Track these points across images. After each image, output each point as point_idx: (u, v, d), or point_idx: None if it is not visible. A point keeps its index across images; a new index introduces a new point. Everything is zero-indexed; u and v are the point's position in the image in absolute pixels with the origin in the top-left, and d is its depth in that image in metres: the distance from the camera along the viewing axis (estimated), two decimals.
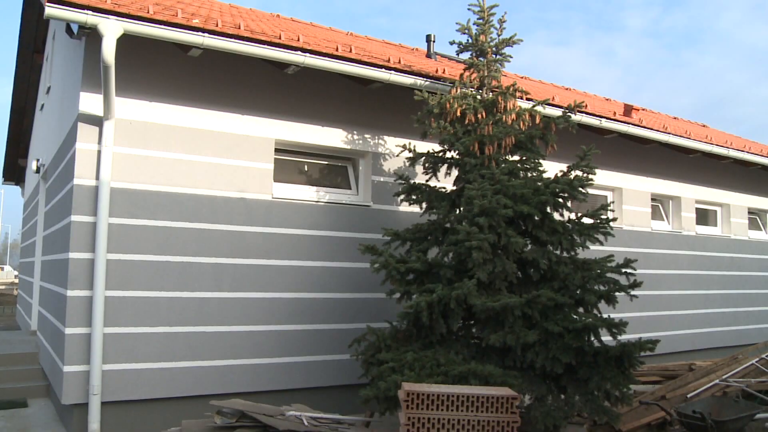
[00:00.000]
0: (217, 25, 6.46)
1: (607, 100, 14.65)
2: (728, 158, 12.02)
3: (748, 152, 12.28)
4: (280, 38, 6.79)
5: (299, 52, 6.83)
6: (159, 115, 6.82)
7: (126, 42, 6.15)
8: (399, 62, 7.69)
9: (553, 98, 8.58)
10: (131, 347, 6.51)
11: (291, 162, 7.86)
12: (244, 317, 7.12)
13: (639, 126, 10.07)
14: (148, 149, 6.73)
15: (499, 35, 7.29)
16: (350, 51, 7.35)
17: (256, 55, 6.66)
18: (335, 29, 11.98)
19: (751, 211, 14.23)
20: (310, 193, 7.77)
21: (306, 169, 7.99)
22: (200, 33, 6.29)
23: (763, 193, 14.28)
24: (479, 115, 6.91)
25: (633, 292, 6.39)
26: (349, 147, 7.96)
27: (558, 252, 6.60)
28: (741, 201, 13.70)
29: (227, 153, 7.14)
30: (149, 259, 6.66)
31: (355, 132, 8.00)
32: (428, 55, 11.28)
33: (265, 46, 6.65)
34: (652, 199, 11.83)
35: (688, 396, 8.21)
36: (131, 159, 6.63)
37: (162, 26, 6.12)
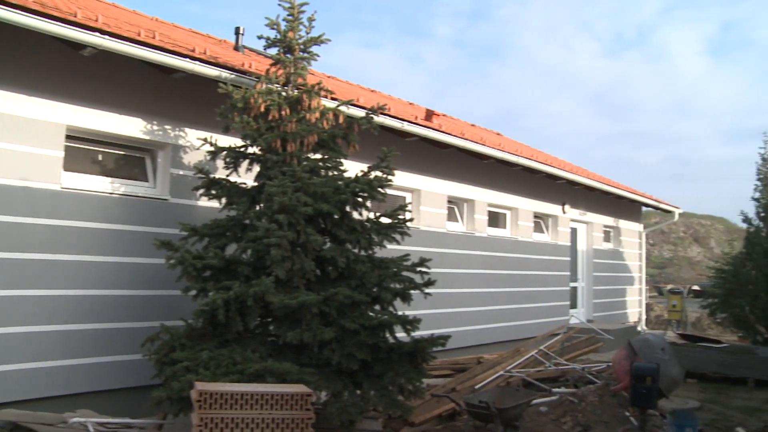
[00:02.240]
0: None
1: (411, 104, 15.15)
2: (518, 165, 12.89)
3: (535, 161, 13.25)
4: (76, 16, 6.31)
5: (97, 34, 6.38)
6: None
7: None
8: (205, 53, 7.46)
9: (358, 99, 8.72)
10: None
11: (84, 150, 7.36)
12: (23, 317, 6.54)
13: (438, 131, 10.51)
14: None
15: (307, 33, 7.30)
16: (154, 37, 7.02)
17: (47, 32, 6.12)
18: (140, 13, 11.39)
19: (536, 215, 15.35)
20: (104, 185, 7.32)
21: (100, 158, 7.53)
22: None
23: (547, 199, 15.46)
24: (283, 112, 6.88)
25: (427, 290, 6.64)
26: (148, 137, 7.60)
27: (356, 250, 6.73)
28: (528, 206, 14.74)
29: (9, 137, 6.53)
30: None
31: (155, 122, 7.65)
32: (236, 48, 11.07)
33: (59, 23, 6.13)
34: (449, 201, 12.38)
35: (476, 387, 8.70)
36: None
37: None
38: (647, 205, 20.61)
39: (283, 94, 7.12)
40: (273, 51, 7.44)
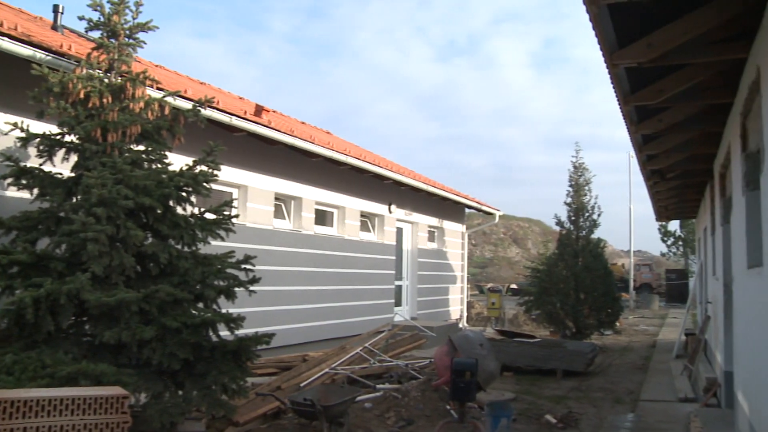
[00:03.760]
0: None
1: (241, 98, 14.92)
2: (346, 164, 13.05)
3: (363, 160, 13.48)
4: None
5: None
6: None
7: None
8: (15, 29, 6.90)
9: (186, 91, 8.47)
10: None
11: None
12: None
13: (267, 127, 10.42)
14: None
15: (134, 18, 6.99)
16: None
17: None
18: None
19: (363, 214, 15.60)
20: None
21: None
22: None
23: (374, 198, 15.77)
24: (105, 100, 6.55)
25: (252, 288, 6.57)
26: None
27: (179, 246, 6.54)
28: (355, 205, 14.95)
29: None
30: None
31: None
32: (54, 27, 10.34)
33: None
34: (276, 198, 12.31)
35: (302, 385, 8.71)
36: None
37: None
38: (470, 207, 21.58)
39: (106, 80, 6.78)
40: (96, 34, 7.03)
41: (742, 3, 4.78)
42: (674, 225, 41.11)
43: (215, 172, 6.68)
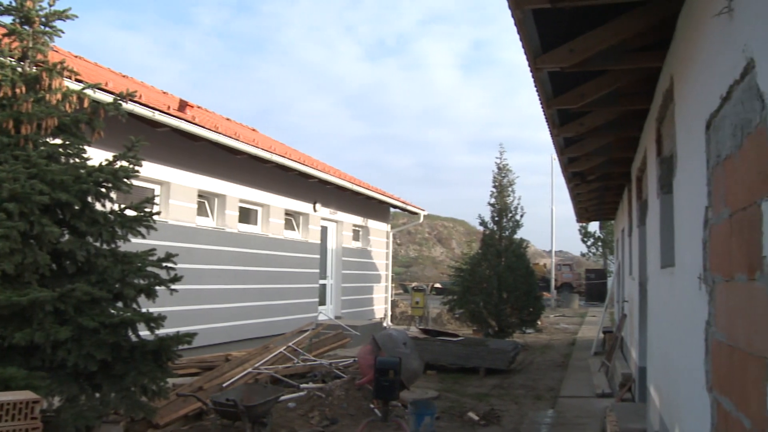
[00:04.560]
0: None
1: (165, 93, 14.60)
2: (271, 162, 12.93)
3: (288, 158, 13.39)
4: None
5: None
6: None
7: None
8: None
9: (107, 83, 8.24)
10: None
11: None
12: None
13: (191, 122, 10.23)
14: None
15: (50, 5, 6.70)
16: None
17: None
18: None
19: (287, 213, 15.50)
20: None
21: None
22: None
23: (299, 197, 15.68)
24: (18, 90, 6.27)
25: (173, 286, 6.42)
26: None
27: (98, 244, 6.32)
28: (280, 203, 14.84)
29: None
30: None
31: None
32: None
33: None
34: (199, 196, 12.11)
35: (224, 385, 8.60)
36: None
37: None
38: (395, 207, 21.70)
39: (19, 69, 6.48)
40: (7, 20, 6.72)
41: (657, 15, 4.94)
42: (594, 226, 42.35)
43: (136, 167, 6.49)
